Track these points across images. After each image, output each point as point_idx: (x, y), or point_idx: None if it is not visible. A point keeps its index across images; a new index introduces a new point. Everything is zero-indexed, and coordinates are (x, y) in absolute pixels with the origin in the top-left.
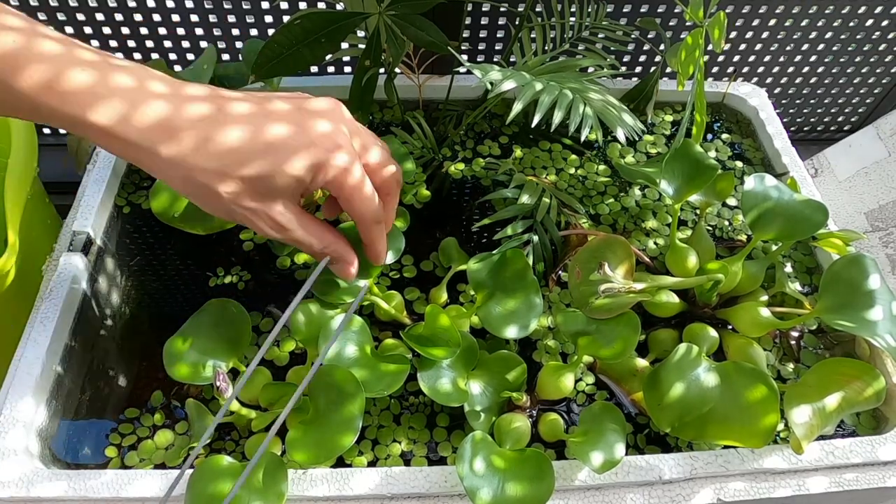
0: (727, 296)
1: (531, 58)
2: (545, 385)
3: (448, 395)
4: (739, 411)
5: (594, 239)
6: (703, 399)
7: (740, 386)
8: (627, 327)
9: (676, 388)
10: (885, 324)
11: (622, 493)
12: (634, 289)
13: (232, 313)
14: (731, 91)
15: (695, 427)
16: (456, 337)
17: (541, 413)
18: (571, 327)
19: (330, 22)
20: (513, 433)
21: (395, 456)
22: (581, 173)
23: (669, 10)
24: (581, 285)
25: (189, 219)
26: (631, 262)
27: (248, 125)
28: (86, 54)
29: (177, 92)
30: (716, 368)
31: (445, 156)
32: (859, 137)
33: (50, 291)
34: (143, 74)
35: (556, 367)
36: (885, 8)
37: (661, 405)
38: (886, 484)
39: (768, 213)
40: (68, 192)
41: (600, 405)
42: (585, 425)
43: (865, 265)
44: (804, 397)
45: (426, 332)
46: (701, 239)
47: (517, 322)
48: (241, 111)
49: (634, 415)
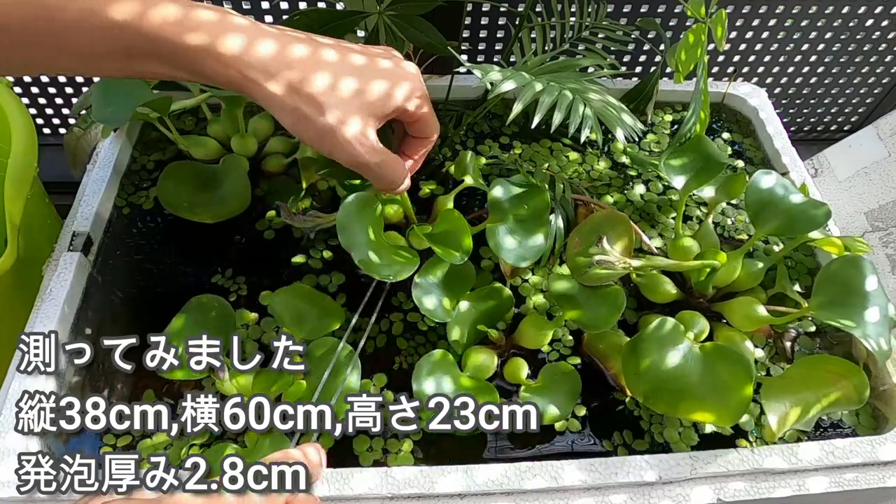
0: (725, 290)
1: (531, 58)
2: (525, 333)
3: (434, 311)
4: (713, 388)
5: (597, 213)
6: (678, 372)
7: (717, 365)
8: (613, 301)
9: (654, 359)
10: (878, 326)
11: (622, 492)
12: (630, 263)
13: (215, 308)
14: (731, 91)
15: (668, 399)
16: (468, 242)
17: (511, 356)
18: (561, 289)
19: (329, 19)
20: (480, 364)
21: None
22: (584, 168)
23: (669, 9)
24: (578, 255)
25: (196, 208)
26: (630, 239)
27: (353, 61)
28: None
29: (308, 41)
30: (696, 347)
31: (446, 156)
32: (859, 137)
33: (50, 291)
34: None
35: (540, 320)
36: (885, 8)
37: (637, 373)
38: (886, 484)
39: (770, 207)
40: (68, 192)
41: (564, 366)
42: (545, 380)
43: (863, 266)
44: (785, 388)
45: (436, 232)
46: (707, 235)
47: (522, 251)
48: (352, 59)
49: (615, 390)
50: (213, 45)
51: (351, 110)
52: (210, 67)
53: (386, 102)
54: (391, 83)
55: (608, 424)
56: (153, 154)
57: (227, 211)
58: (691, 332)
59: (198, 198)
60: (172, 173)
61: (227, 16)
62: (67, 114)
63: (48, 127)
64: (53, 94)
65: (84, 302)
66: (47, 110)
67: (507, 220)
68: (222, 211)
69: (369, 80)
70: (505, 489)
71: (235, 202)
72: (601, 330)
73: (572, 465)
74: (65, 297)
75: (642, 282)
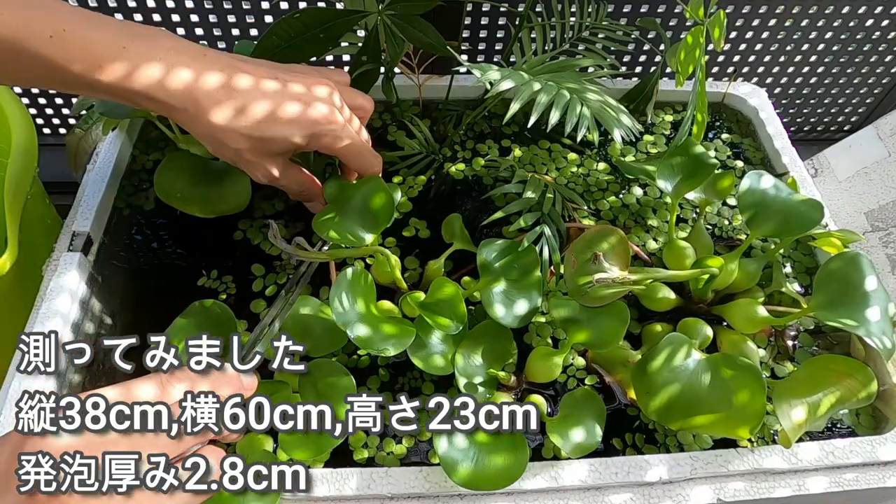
0: (723, 293)
1: (531, 58)
2: (534, 368)
3: (438, 365)
4: (726, 402)
5: (590, 229)
6: (690, 388)
7: (728, 377)
8: (617, 316)
9: (664, 376)
10: (880, 324)
11: (622, 492)
12: (629, 279)
13: (216, 313)
14: (731, 91)
15: (681, 416)
16: (463, 311)
17: (526, 394)
18: (563, 314)
19: (328, 18)
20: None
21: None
22: (581, 171)
23: (669, 9)
24: (576, 274)
25: (188, 200)
26: (626, 252)
27: (263, 99)
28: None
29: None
30: (705, 359)
31: (445, 156)
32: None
33: (50, 291)
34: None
35: (546, 351)
36: (885, 8)
37: (648, 392)
38: (886, 484)
39: (764, 209)
40: (68, 192)
41: (582, 391)
42: (566, 410)
43: (862, 265)
44: (794, 392)
45: (429, 301)
46: (699, 236)
47: (515, 310)
48: (264, 86)
49: (625, 406)
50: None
51: (247, 149)
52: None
53: (280, 145)
54: (281, 126)
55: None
56: (153, 153)
57: (222, 207)
58: (696, 341)
59: (193, 191)
60: (171, 163)
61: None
62: (67, 114)
63: (48, 127)
64: (53, 94)
65: (84, 302)
66: (47, 110)
67: (499, 282)
68: (218, 207)
69: (268, 123)
70: (505, 489)
71: (232, 200)
72: (610, 347)
73: (572, 464)
74: (65, 297)
75: (641, 292)
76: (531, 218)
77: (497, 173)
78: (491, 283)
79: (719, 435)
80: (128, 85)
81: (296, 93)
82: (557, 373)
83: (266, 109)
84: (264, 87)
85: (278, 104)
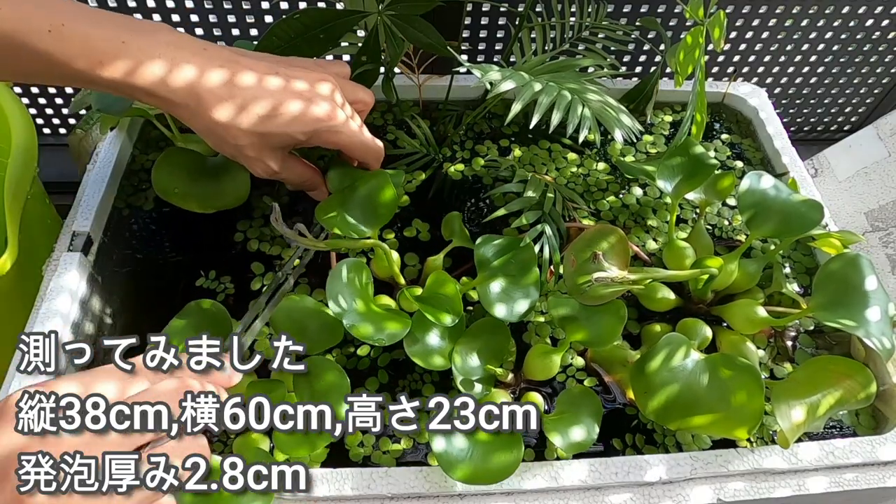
0: (723, 293)
1: (531, 58)
2: (532, 365)
3: (435, 362)
4: (724, 402)
5: (590, 229)
6: (689, 389)
7: (726, 377)
8: (614, 314)
9: (663, 377)
10: (879, 325)
11: (622, 492)
12: (628, 278)
13: (212, 313)
14: (731, 91)
15: (679, 416)
16: (459, 306)
17: (524, 391)
18: (562, 313)
19: (328, 19)
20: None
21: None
22: (581, 171)
23: (669, 9)
24: (575, 273)
25: (187, 196)
26: (625, 252)
27: (265, 96)
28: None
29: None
30: (703, 359)
31: (445, 156)
32: (859, 137)
33: (50, 291)
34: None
35: (545, 348)
36: (885, 8)
37: (647, 392)
38: (886, 484)
39: (764, 209)
40: (68, 192)
41: (579, 389)
42: (563, 407)
43: (861, 265)
44: (793, 393)
45: (426, 295)
46: (699, 237)
47: (512, 306)
48: (266, 83)
49: (624, 406)
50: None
51: (251, 142)
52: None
53: (281, 141)
54: (292, 118)
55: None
56: (153, 153)
57: (222, 202)
58: (695, 342)
59: (191, 186)
60: (167, 160)
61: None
62: (67, 114)
63: (48, 127)
64: (53, 94)
65: (84, 302)
66: (47, 110)
67: (497, 278)
68: (218, 202)
69: (271, 116)
70: (504, 489)
71: (231, 194)
72: (608, 345)
73: (572, 465)
74: (65, 297)
75: (640, 292)
76: (532, 216)
77: (497, 173)
78: (489, 279)
79: (717, 435)
80: (128, 81)
81: (297, 90)
82: (555, 370)
83: (268, 106)
84: (266, 83)
85: (280, 101)
